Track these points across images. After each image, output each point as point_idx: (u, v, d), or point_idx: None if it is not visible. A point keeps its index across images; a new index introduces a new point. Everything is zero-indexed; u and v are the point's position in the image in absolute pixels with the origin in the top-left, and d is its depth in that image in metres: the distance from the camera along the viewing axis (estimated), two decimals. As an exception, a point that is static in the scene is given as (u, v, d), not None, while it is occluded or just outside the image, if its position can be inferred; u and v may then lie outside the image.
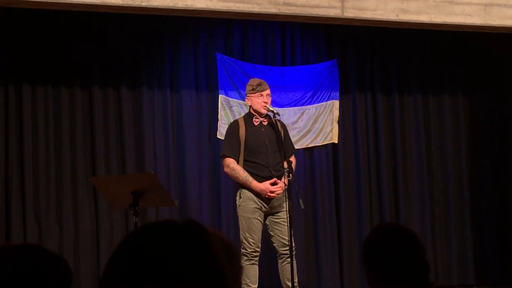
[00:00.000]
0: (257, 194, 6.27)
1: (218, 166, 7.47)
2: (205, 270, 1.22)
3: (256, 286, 6.33)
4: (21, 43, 7.06)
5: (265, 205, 6.30)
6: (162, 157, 7.40)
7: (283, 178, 6.31)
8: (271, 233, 6.38)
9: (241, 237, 6.31)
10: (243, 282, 6.26)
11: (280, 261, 6.38)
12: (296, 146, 7.68)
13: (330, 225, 7.84)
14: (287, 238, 6.25)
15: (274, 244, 6.38)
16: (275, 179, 6.27)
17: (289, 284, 6.28)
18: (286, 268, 6.32)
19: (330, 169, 7.94)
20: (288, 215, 6.14)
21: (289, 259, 6.25)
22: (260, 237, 6.31)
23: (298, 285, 6.33)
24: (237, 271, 2.05)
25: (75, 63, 7.20)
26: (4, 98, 7.01)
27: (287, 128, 6.83)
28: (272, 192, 6.24)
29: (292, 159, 6.53)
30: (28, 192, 6.95)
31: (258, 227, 6.29)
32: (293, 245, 6.24)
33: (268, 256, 7.28)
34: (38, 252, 1.95)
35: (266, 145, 6.36)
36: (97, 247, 7.11)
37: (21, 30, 7.06)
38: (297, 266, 7.28)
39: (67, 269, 1.98)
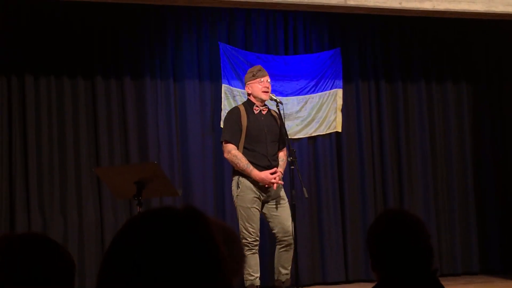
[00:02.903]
0: (255, 182, 6.28)
1: (221, 155, 7.44)
2: (204, 261, 1.20)
3: (259, 275, 6.35)
4: (23, 34, 7.04)
5: (263, 193, 6.31)
6: (166, 147, 7.40)
7: (278, 167, 6.36)
8: (270, 220, 6.39)
9: (241, 227, 6.31)
10: (246, 272, 6.28)
11: (278, 247, 6.39)
12: (300, 135, 7.71)
13: (334, 214, 7.84)
14: (288, 224, 6.28)
15: (274, 231, 6.38)
16: (275, 169, 6.29)
17: (282, 270, 6.33)
18: (282, 255, 6.36)
19: (333, 157, 7.93)
20: (291, 204, 6.16)
21: (287, 247, 6.31)
22: (259, 226, 6.32)
23: (289, 273, 6.40)
24: (239, 260, 2.04)
25: (78, 54, 7.19)
26: (7, 89, 7.00)
27: (289, 118, 6.84)
28: (272, 182, 6.26)
29: (285, 152, 6.54)
30: (32, 183, 6.95)
31: (258, 216, 6.31)
32: (292, 232, 6.29)
33: (265, 248, 7.27)
34: (43, 241, 1.94)
35: (265, 134, 6.37)
36: (101, 237, 7.12)
37: (23, 21, 7.05)
38: (301, 255, 7.32)
39: (71, 260, 1.97)
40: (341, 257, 7.83)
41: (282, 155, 6.49)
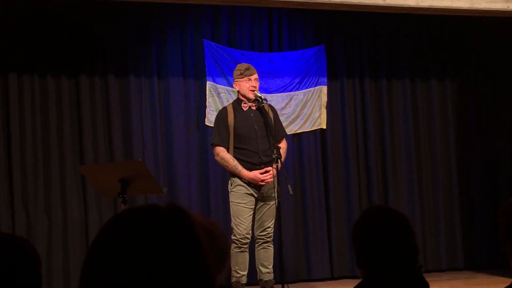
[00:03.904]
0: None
1: (206, 153, 7.47)
2: (188, 258, 1.19)
3: (246, 273, 6.35)
4: (6, 32, 7.00)
5: (256, 191, 6.31)
6: (150, 144, 7.39)
7: (273, 163, 6.32)
8: (255, 217, 6.40)
9: (232, 223, 6.33)
10: (233, 269, 6.29)
11: (256, 245, 6.43)
12: (285, 132, 7.70)
13: (319, 210, 7.85)
14: (267, 224, 6.32)
15: (254, 227, 6.41)
16: (266, 168, 6.27)
17: (263, 269, 6.36)
18: (260, 253, 6.38)
19: (318, 154, 7.94)
20: (277, 201, 6.16)
21: (264, 244, 6.34)
22: (250, 224, 6.32)
23: (272, 270, 6.42)
24: (222, 257, 2.02)
25: (62, 52, 7.15)
26: (-10, 88, 6.97)
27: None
28: (262, 180, 6.26)
29: (284, 143, 6.56)
30: (16, 182, 6.92)
31: (248, 213, 6.30)
32: (271, 231, 6.35)
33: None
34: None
35: (255, 131, 6.36)
36: (86, 235, 7.10)
37: (6, 19, 7.00)
38: (286, 252, 7.32)
39: (34, 255, 1.94)
40: (326, 254, 7.84)
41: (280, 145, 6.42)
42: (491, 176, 8.36)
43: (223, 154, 6.33)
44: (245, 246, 6.30)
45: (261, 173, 6.27)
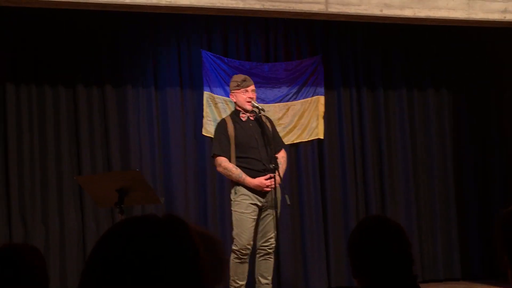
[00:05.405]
0: (253, 189, 6.26)
1: (203, 163, 7.47)
2: (185, 267, 1.21)
3: (244, 283, 6.33)
4: (3, 42, 7.01)
5: (261, 199, 6.28)
6: (148, 155, 7.38)
7: (277, 171, 6.30)
8: (258, 226, 6.38)
9: (234, 233, 6.30)
10: (231, 278, 6.27)
11: (257, 255, 6.39)
12: (282, 142, 7.70)
13: (316, 221, 7.85)
14: (269, 235, 6.29)
15: (256, 238, 6.39)
16: (270, 174, 6.24)
17: (262, 280, 6.34)
18: (261, 264, 6.36)
19: (316, 164, 7.94)
20: (275, 211, 6.15)
21: (266, 256, 6.31)
22: (252, 235, 6.27)
23: (271, 282, 6.39)
24: (219, 267, 2.03)
25: (59, 62, 7.16)
26: (-12, 98, 6.97)
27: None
28: (267, 186, 6.23)
29: (283, 153, 6.56)
30: (13, 191, 6.91)
31: (252, 223, 6.26)
32: (274, 242, 6.30)
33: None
34: (8, 252, 1.91)
35: (256, 140, 6.36)
36: (83, 245, 7.09)
37: (3, 29, 7.01)
38: (283, 262, 7.31)
39: (41, 268, 1.94)
40: (323, 264, 7.83)
41: (279, 157, 6.45)
42: (487, 186, 8.37)
43: (226, 164, 6.30)
44: (245, 257, 6.27)
45: (266, 179, 6.25)
